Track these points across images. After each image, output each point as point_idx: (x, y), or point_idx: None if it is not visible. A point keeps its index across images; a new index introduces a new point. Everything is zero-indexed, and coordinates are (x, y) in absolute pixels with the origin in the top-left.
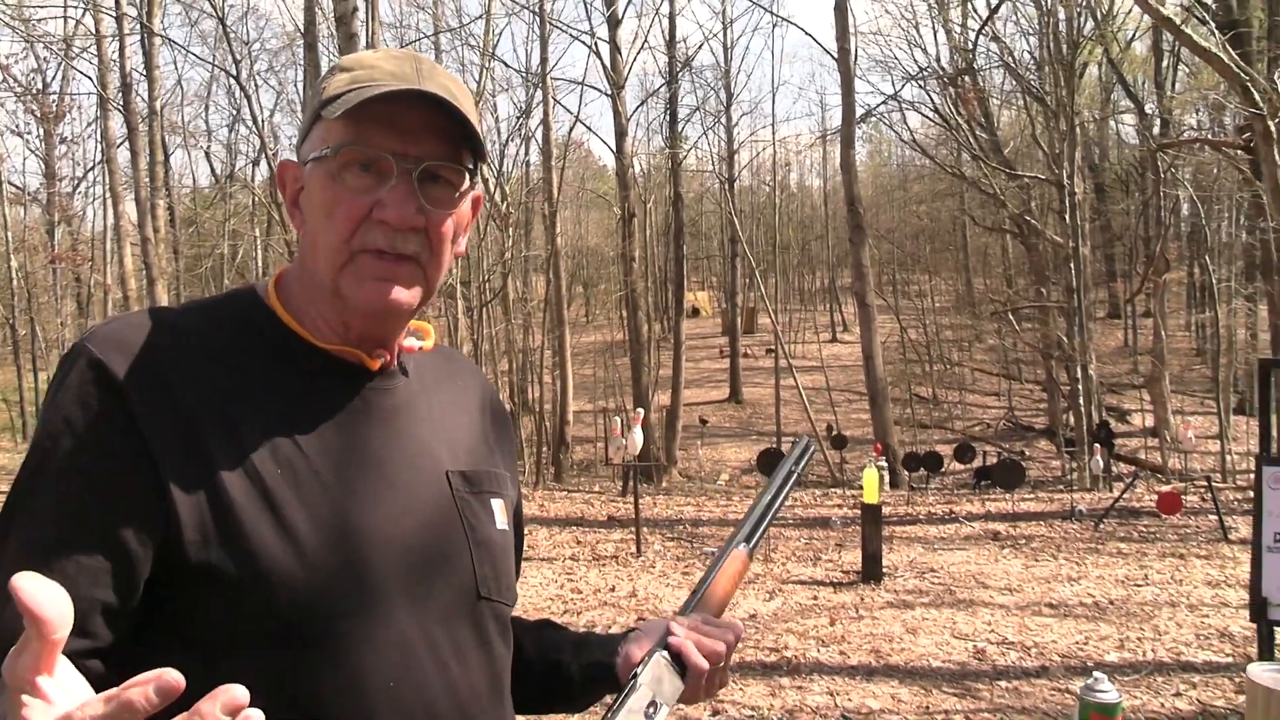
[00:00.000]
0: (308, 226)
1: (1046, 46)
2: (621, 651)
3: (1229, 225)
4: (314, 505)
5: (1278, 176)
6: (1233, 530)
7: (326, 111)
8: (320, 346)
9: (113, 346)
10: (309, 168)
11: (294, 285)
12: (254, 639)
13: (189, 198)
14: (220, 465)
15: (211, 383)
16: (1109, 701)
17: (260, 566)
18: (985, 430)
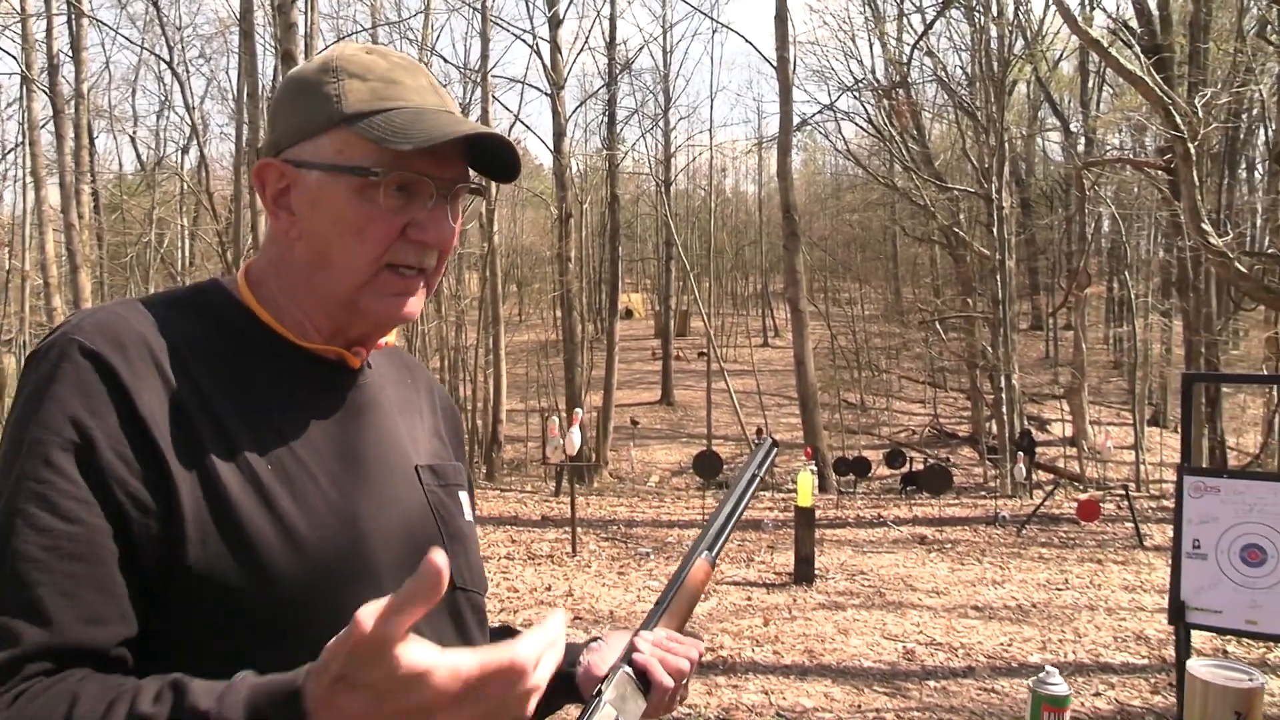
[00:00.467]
0: (312, 235)
1: (978, 63)
2: (583, 661)
3: (1148, 243)
4: (307, 501)
5: (1195, 197)
6: (1147, 537)
7: (364, 130)
8: (301, 345)
9: (104, 338)
10: (316, 175)
11: (271, 283)
12: (249, 636)
13: (112, 184)
14: (215, 460)
15: (199, 378)
16: (1060, 694)
17: (259, 563)
18: (911, 437)
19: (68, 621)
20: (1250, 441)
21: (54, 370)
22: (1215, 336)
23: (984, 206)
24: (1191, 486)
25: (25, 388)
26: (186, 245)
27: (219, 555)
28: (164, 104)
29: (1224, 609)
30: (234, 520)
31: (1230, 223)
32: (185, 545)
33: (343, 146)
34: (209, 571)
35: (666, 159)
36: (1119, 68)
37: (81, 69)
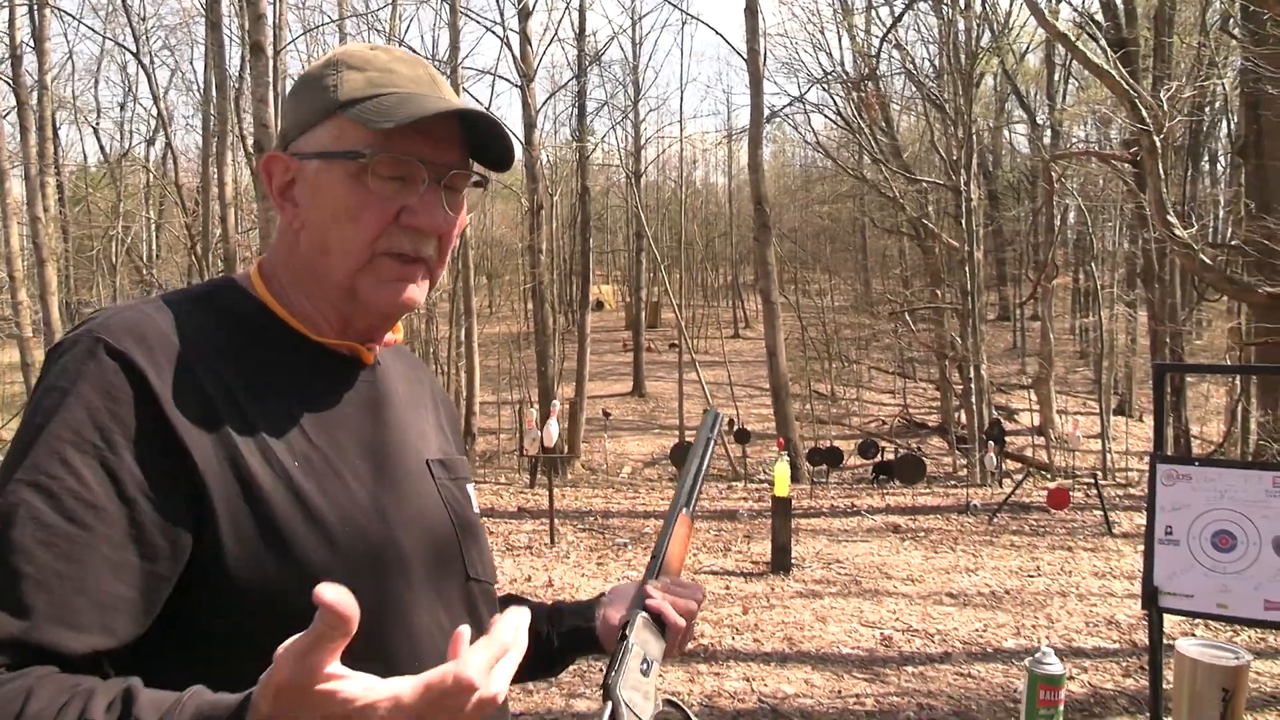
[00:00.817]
0: (312, 224)
1: (946, 56)
2: (599, 616)
3: (1113, 234)
4: (335, 497)
5: (1161, 189)
6: (1116, 525)
7: (355, 115)
8: (317, 340)
9: (129, 336)
10: (316, 164)
11: (282, 277)
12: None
13: (75, 176)
14: (246, 457)
15: (225, 376)
16: (1055, 673)
17: (295, 559)
18: (881, 427)
19: (44, 620)
20: (1213, 430)
21: (79, 368)
22: (1180, 327)
23: (952, 198)
24: (1164, 474)
25: (46, 379)
26: (152, 238)
27: (255, 554)
28: (128, 95)
29: (1195, 593)
30: (268, 518)
31: (1194, 215)
32: (222, 546)
33: (339, 134)
34: (246, 570)
35: (636, 151)
36: (1085, 61)
37: (44, 59)
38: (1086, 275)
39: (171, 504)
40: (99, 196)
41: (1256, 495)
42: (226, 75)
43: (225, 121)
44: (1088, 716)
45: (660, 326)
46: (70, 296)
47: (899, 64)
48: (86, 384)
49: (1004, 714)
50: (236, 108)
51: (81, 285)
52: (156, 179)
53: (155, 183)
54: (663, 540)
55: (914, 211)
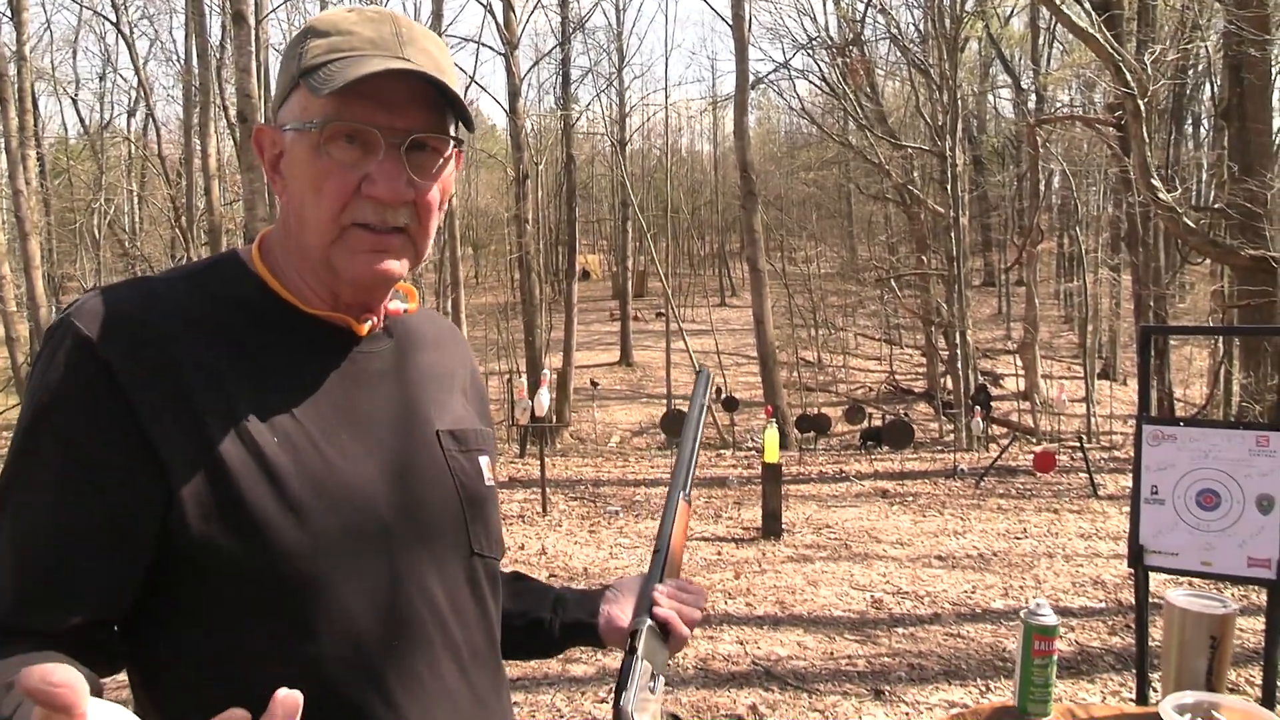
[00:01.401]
0: (291, 196)
1: (931, 20)
2: (603, 612)
3: (1098, 199)
4: (312, 472)
5: (1145, 153)
6: (1101, 487)
7: (308, 84)
8: (309, 312)
9: (99, 320)
10: (290, 136)
11: (278, 251)
12: (257, 609)
13: (55, 148)
14: (217, 437)
15: (202, 353)
16: (1049, 624)
17: (263, 538)
18: (868, 393)
19: (18, 603)
20: (1196, 393)
21: (51, 354)
22: (1163, 290)
23: (937, 164)
24: (1150, 435)
25: (34, 366)
26: (135, 210)
27: (222, 532)
28: (107, 65)
29: (1180, 551)
30: (236, 497)
31: (1178, 178)
32: (188, 525)
33: (305, 104)
34: (214, 549)
35: (621, 119)
36: (1070, 24)
37: (22, 30)
38: (1071, 240)
39: (137, 486)
40: (80, 169)
41: (1240, 454)
42: (208, 45)
43: (207, 92)
44: (1075, 674)
45: (647, 295)
46: (54, 270)
47: (884, 29)
48: (54, 372)
49: (993, 672)
50: (218, 78)
51: (64, 258)
52: (138, 151)
53: (137, 155)
54: (665, 530)
55: (899, 177)
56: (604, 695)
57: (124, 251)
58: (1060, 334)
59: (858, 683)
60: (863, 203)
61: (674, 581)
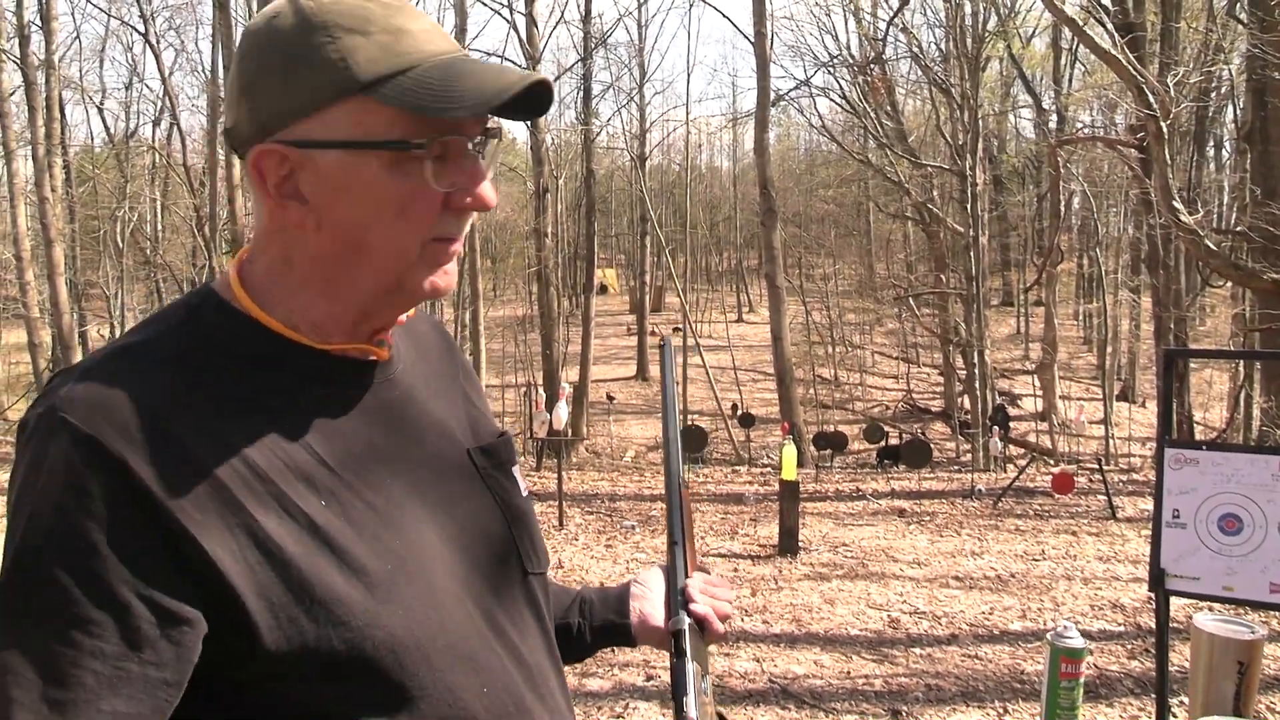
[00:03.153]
0: (341, 222)
1: (952, 40)
2: (634, 610)
3: (1118, 220)
4: (366, 529)
5: (1167, 175)
6: (1119, 510)
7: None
8: (321, 349)
9: (96, 413)
10: (333, 155)
11: (278, 285)
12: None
13: (79, 156)
14: (261, 521)
15: (220, 427)
16: (1076, 646)
17: (335, 615)
18: (884, 412)
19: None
20: (1215, 416)
21: (41, 459)
22: (1184, 313)
23: (957, 183)
24: (1172, 458)
25: (18, 473)
26: (158, 219)
27: (292, 622)
28: (133, 74)
29: (1201, 576)
30: (300, 583)
31: (1199, 201)
32: (256, 630)
33: (362, 118)
34: (286, 643)
35: (642, 134)
36: (1093, 45)
37: (51, 39)
38: (1091, 261)
39: (173, 599)
40: (105, 177)
41: (1263, 479)
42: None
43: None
44: (1095, 698)
45: (664, 310)
46: (77, 277)
47: (905, 48)
48: (55, 481)
49: (1011, 695)
50: None
51: (87, 265)
52: (162, 160)
53: (161, 164)
54: (675, 522)
55: (919, 196)
56: (619, 710)
57: (146, 260)
58: (1079, 355)
59: (875, 703)
60: (882, 221)
61: (702, 576)
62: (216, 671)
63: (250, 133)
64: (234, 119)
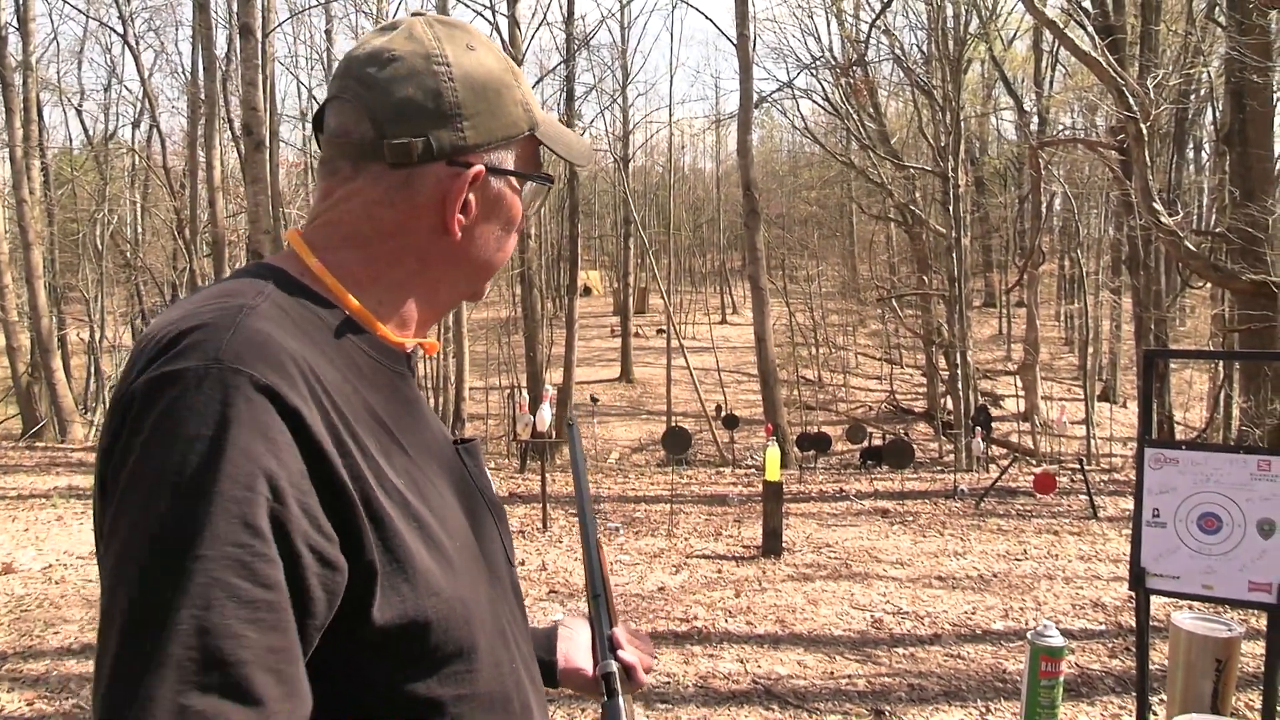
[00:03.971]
0: (481, 234)
1: (934, 42)
2: (559, 651)
3: (1099, 221)
4: (438, 510)
5: (1147, 176)
6: (1101, 509)
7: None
8: (396, 342)
9: (270, 367)
10: (503, 179)
11: (371, 279)
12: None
13: (58, 158)
14: (375, 491)
15: (336, 397)
16: (1056, 645)
17: (431, 585)
18: (868, 413)
19: (275, 700)
20: (1195, 416)
21: (225, 410)
22: (1164, 314)
23: (939, 184)
24: (1151, 458)
25: (173, 421)
26: (138, 221)
27: (398, 593)
28: (111, 75)
29: (1181, 575)
30: (403, 550)
31: (1179, 202)
32: (374, 588)
33: (526, 154)
34: (387, 608)
35: (625, 136)
36: (1073, 48)
37: (29, 40)
38: (1072, 262)
39: (333, 553)
40: (84, 179)
41: (1241, 479)
42: (214, 57)
43: (213, 104)
44: (1076, 697)
45: (648, 312)
46: (56, 280)
47: (887, 50)
48: (244, 430)
49: (993, 694)
50: (224, 90)
51: (66, 269)
52: (142, 162)
53: (140, 166)
54: (595, 575)
55: (901, 197)
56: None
57: (126, 263)
58: (1060, 356)
59: (858, 702)
60: (864, 222)
61: (627, 627)
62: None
63: (450, 148)
64: (428, 132)
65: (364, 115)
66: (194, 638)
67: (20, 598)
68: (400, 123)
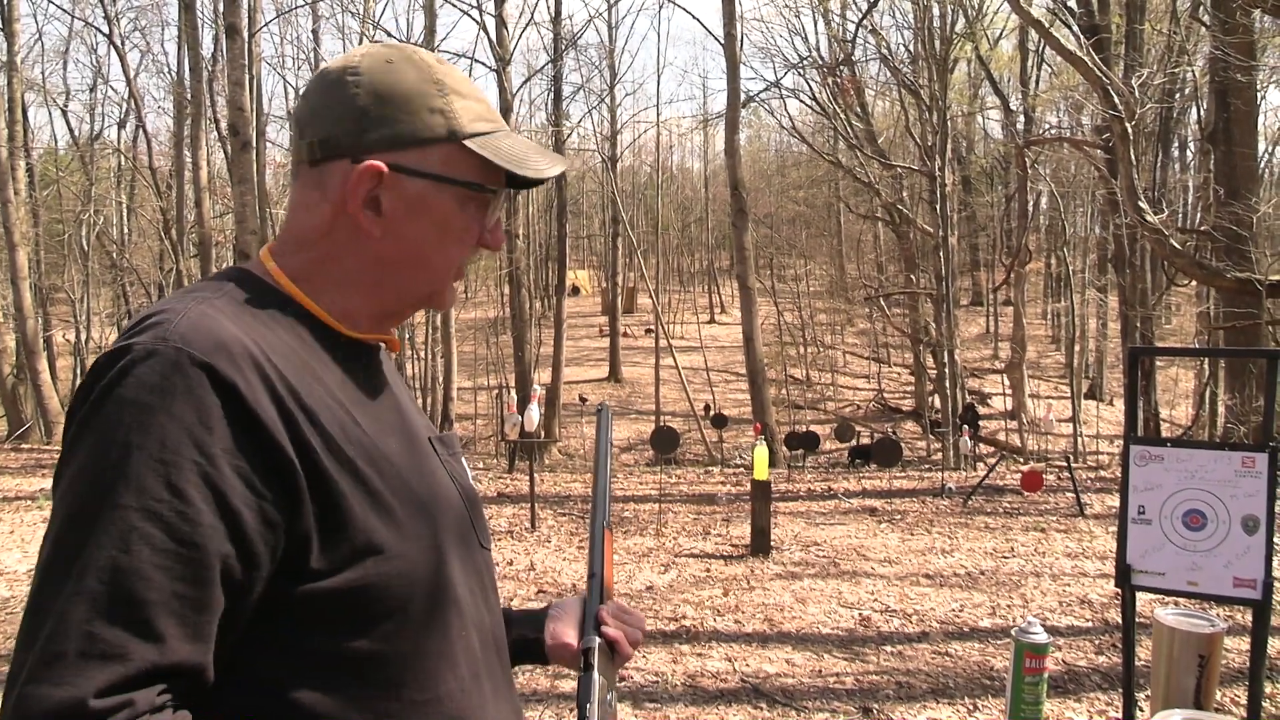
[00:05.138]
0: (407, 238)
1: (921, 41)
2: (548, 629)
3: (1085, 220)
4: (393, 484)
5: (1132, 175)
6: (1088, 506)
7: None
8: (350, 336)
9: (212, 346)
10: (421, 182)
11: (319, 277)
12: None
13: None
14: (323, 460)
15: (288, 376)
16: (1041, 642)
17: (373, 543)
18: (856, 411)
19: (176, 640)
20: (1181, 414)
21: (165, 383)
22: (1150, 312)
23: (926, 184)
24: (1137, 455)
25: (120, 393)
26: (124, 222)
27: (339, 551)
28: (97, 76)
29: (1167, 571)
30: (347, 513)
31: (1164, 200)
32: (311, 551)
33: (451, 160)
34: (328, 565)
35: (612, 135)
36: (1059, 47)
37: (13, 40)
38: (1058, 260)
39: (270, 512)
40: (69, 180)
41: (1226, 475)
42: (200, 57)
43: (199, 104)
44: (1063, 693)
45: (636, 312)
46: (42, 281)
47: (874, 49)
48: (178, 400)
49: (981, 691)
50: (210, 90)
51: (52, 270)
52: (128, 163)
53: (127, 166)
54: (595, 557)
55: (889, 197)
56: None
57: (113, 263)
58: (1047, 354)
59: (846, 700)
60: (852, 221)
61: (615, 604)
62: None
63: (349, 146)
64: (330, 133)
65: (295, 123)
66: (108, 574)
67: (5, 600)
68: (311, 124)
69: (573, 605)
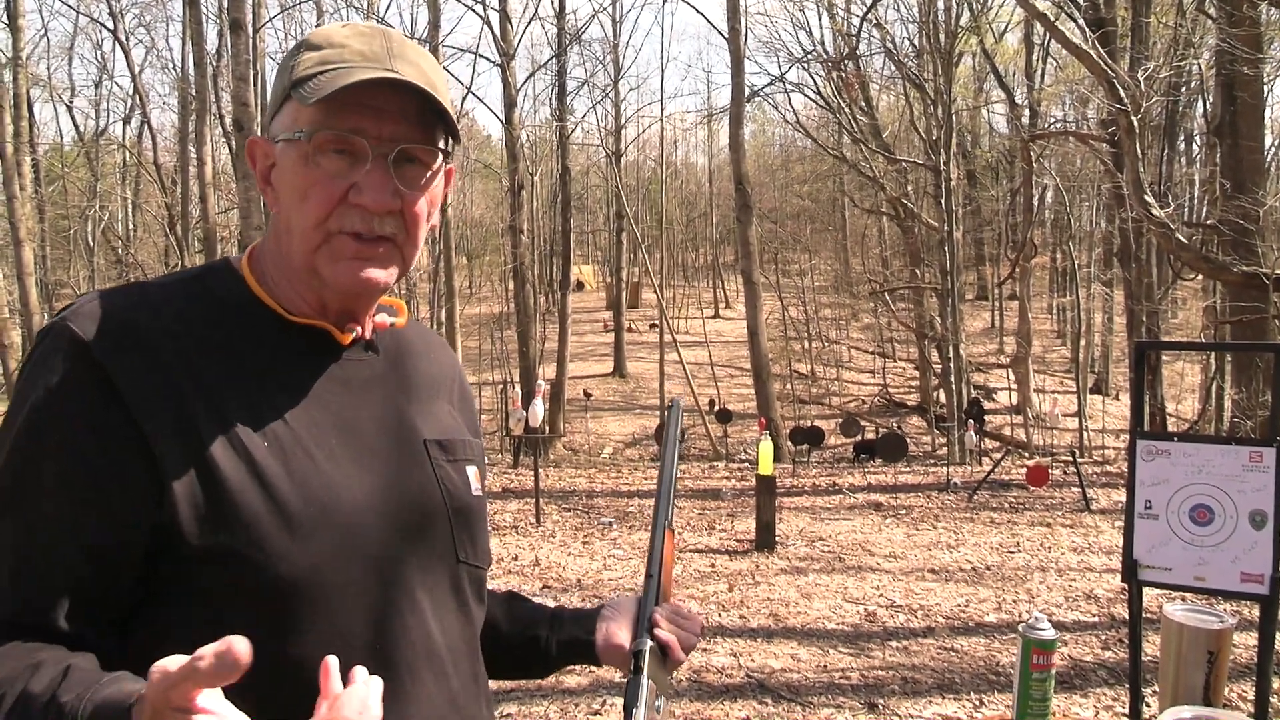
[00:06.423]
0: (280, 206)
1: (926, 35)
2: (600, 629)
3: (1091, 214)
4: (301, 476)
5: (1138, 169)
6: (1093, 501)
7: (298, 94)
8: (293, 320)
9: (94, 323)
10: (280, 146)
11: (267, 261)
12: (248, 607)
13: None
14: (209, 440)
15: (194, 357)
16: (1048, 638)
17: (252, 541)
18: (860, 406)
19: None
20: (1188, 408)
21: (45, 358)
22: (1156, 306)
23: (931, 178)
24: (1144, 450)
25: (24, 368)
26: (129, 217)
27: (213, 533)
28: (102, 72)
29: (1173, 566)
30: (227, 499)
31: (1170, 194)
32: (179, 526)
33: (295, 115)
34: (207, 553)
35: (617, 130)
36: (1064, 41)
37: (19, 37)
38: (1064, 255)
39: (134, 488)
40: (75, 176)
41: (1234, 470)
42: (205, 53)
43: (204, 100)
44: (1069, 689)
45: (641, 307)
46: (47, 277)
47: (879, 43)
48: (50, 375)
49: (987, 686)
50: (215, 86)
51: (58, 265)
52: (133, 158)
53: (132, 162)
54: (655, 556)
55: (893, 191)
56: (596, 707)
57: (118, 259)
58: (1053, 348)
59: (851, 696)
60: (857, 216)
61: (671, 606)
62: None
63: (265, 128)
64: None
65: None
66: None
67: None
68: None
69: (627, 605)
